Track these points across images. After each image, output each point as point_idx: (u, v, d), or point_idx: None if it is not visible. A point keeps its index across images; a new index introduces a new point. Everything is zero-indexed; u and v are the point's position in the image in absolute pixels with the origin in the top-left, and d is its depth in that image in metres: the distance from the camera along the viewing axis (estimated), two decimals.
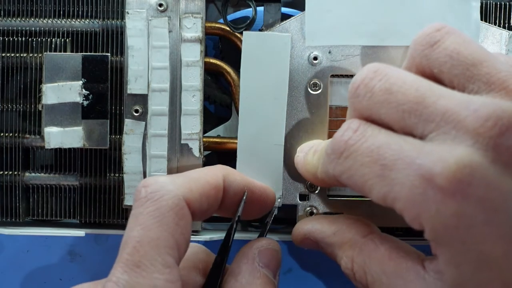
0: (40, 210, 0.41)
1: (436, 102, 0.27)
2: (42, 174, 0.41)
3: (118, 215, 0.40)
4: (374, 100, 0.29)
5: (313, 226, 0.35)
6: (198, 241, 0.39)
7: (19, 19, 0.40)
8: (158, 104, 0.39)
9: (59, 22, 0.40)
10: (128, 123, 0.39)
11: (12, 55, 0.40)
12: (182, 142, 0.39)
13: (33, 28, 0.40)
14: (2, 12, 0.40)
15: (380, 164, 0.27)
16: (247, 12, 0.43)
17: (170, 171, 0.39)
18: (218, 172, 0.33)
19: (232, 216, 0.34)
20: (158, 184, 0.30)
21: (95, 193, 0.40)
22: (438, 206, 0.25)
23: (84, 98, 0.39)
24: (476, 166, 0.24)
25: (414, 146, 0.27)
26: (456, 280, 0.26)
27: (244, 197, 0.34)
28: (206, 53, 0.41)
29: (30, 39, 0.40)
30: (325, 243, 0.34)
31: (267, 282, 0.31)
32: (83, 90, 0.39)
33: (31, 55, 0.40)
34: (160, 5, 0.39)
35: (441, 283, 0.27)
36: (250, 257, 0.32)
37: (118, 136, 0.40)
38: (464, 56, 0.28)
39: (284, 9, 0.42)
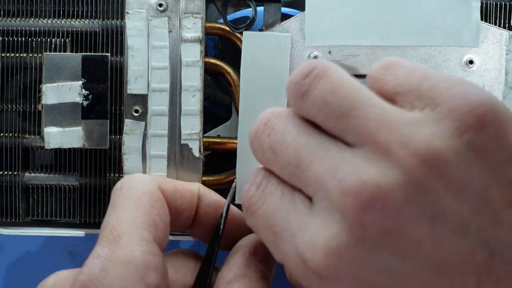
0: (40, 210, 0.41)
1: (309, 167, 0.26)
2: (42, 174, 0.41)
3: None
4: (265, 157, 0.29)
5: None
6: (198, 241, 0.39)
7: (19, 19, 0.40)
8: (158, 104, 0.39)
9: (59, 22, 0.40)
10: (128, 123, 0.39)
11: (12, 55, 0.40)
12: (182, 142, 0.39)
13: (33, 28, 0.40)
14: (2, 12, 0.40)
15: (272, 232, 0.27)
16: (247, 12, 0.43)
17: (170, 171, 0.39)
18: (194, 184, 0.35)
19: (204, 241, 0.35)
20: (132, 175, 0.32)
21: (95, 193, 0.40)
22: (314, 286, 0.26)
23: (84, 98, 0.39)
24: (342, 249, 0.24)
25: (297, 216, 0.26)
26: None
27: (232, 190, 0.35)
28: (206, 53, 0.41)
29: (30, 39, 0.40)
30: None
31: (262, 276, 0.31)
32: (83, 90, 0.39)
33: (31, 55, 0.40)
34: (160, 5, 0.39)
35: None
36: (246, 250, 0.33)
37: (118, 136, 0.40)
38: (332, 108, 0.26)
39: (284, 9, 0.42)
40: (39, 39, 0.40)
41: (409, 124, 0.24)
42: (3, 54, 0.40)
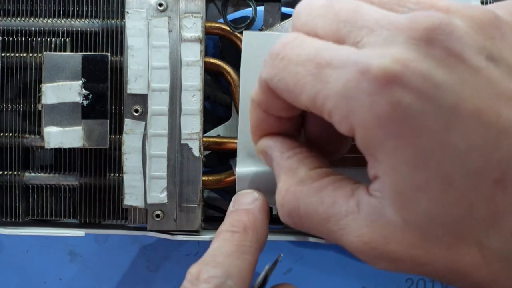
0: (40, 210, 0.41)
1: (370, 13, 0.26)
2: (42, 174, 0.41)
3: (118, 215, 0.40)
4: (313, 14, 0.28)
5: (274, 143, 0.32)
6: (198, 241, 0.39)
7: (19, 19, 0.40)
8: (158, 104, 0.39)
9: (59, 22, 0.40)
10: (128, 123, 0.39)
11: (12, 55, 0.40)
12: (182, 142, 0.39)
13: (33, 28, 0.40)
14: (2, 12, 0.40)
15: (316, 62, 0.26)
16: (247, 12, 0.43)
17: (170, 171, 0.39)
18: (253, 247, 0.33)
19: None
20: (219, 280, 0.30)
21: (95, 193, 0.40)
22: (371, 97, 0.24)
23: (84, 98, 0.39)
24: (410, 59, 0.24)
25: (349, 49, 0.26)
26: (395, 187, 0.25)
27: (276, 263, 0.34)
28: (206, 53, 0.41)
29: (30, 39, 0.40)
30: (276, 163, 0.31)
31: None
32: (83, 90, 0.39)
33: (31, 55, 0.40)
34: (160, 4, 0.39)
35: (384, 201, 0.25)
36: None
37: (118, 136, 0.40)
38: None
39: (284, 9, 0.42)
40: (39, 39, 0.40)
41: None
42: (3, 54, 0.40)
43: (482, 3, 0.39)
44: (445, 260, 0.25)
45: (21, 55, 0.40)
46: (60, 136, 0.39)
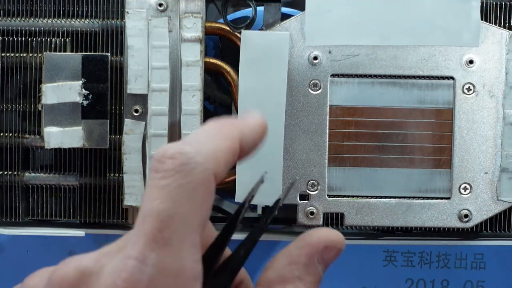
0: (40, 210, 0.41)
1: None
2: (42, 174, 0.41)
3: (118, 215, 0.40)
4: None
5: None
6: None
7: (19, 19, 0.40)
8: (158, 104, 0.39)
9: (59, 22, 0.40)
10: (128, 123, 0.39)
11: (12, 55, 0.40)
12: None
13: (33, 28, 0.40)
14: (2, 12, 0.40)
15: None
16: (247, 12, 0.43)
17: None
18: (235, 135, 0.29)
19: None
20: (186, 156, 0.26)
21: (95, 193, 0.40)
22: None
23: (84, 98, 0.39)
24: None
25: None
26: None
27: (262, 180, 0.32)
28: (206, 53, 0.41)
29: (30, 39, 0.40)
30: None
31: (317, 282, 0.28)
32: (83, 90, 0.39)
33: (31, 55, 0.40)
34: (160, 5, 0.39)
35: None
36: (312, 250, 0.28)
37: (118, 136, 0.40)
38: None
39: (284, 9, 0.42)
40: (39, 39, 0.40)
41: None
42: (3, 54, 0.40)
43: (482, 3, 0.39)
44: None
45: (21, 55, 0.40)
46: (60, 136, 0.39)
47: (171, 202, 0.25)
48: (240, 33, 0.40)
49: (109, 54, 0.39)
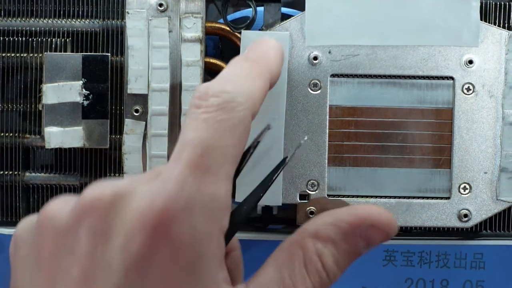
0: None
1: None
2: (42, 174, 0.41)
3: None
4: None
5: None
6: None
7: (19, 19, 0.40)
8: (158, 104, 0.39)
9: (59, 22, 0.40)
10: (128, 123, 0.39)
11: (12, 55, 0.40)
12: None
13: (33, 28, 0.40)
14: (2, 12, 0.40)
15: None
16: (247, 12, 0.43)
17: None
18: (266, 75, 0.30)
19: None
20: (228, 95, 0.27)
21: None
22: None
23: (84, 98, 0.39)
24: None
25: None
26: None
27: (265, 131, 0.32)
28: (206, 53, 0.41)
29: (30, 39, 0.40)
30: None
31: (352, 254, 0.27)
32: (83, 90, 0.39)
33: (31, 55, 0.40)
34: (160, 5, 0.39)
35: None
36: (357, 222, 0.27)
37: (118, 136, 0.40)
38: None
39: (284, 9, 0.42)
40: (39, 39, 0.40)
41: None
42: (3, 54, 0.40)
43: (482, 3, 0.39)
44: None
45: (22, 55, 0.40)
46: (61, 136, 0.39)
47: (213, 132, 0.25)
48: (240, 33, 0.40)
49: (109, 54, 0.39)
